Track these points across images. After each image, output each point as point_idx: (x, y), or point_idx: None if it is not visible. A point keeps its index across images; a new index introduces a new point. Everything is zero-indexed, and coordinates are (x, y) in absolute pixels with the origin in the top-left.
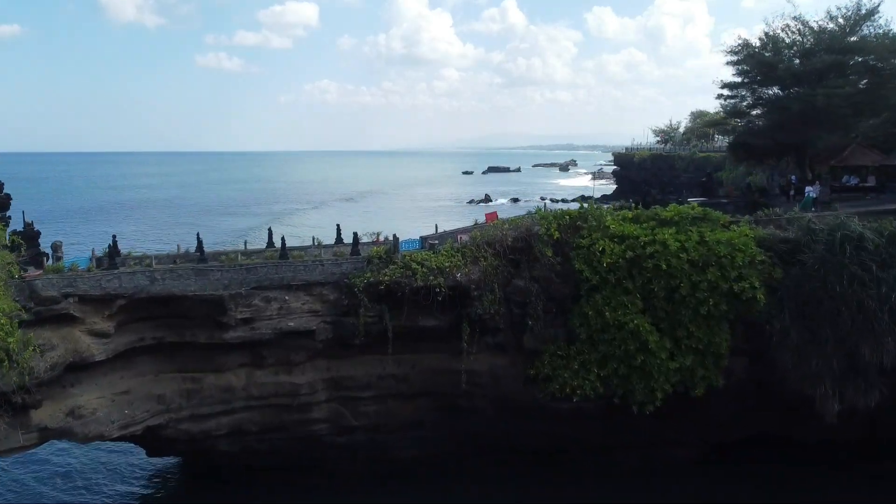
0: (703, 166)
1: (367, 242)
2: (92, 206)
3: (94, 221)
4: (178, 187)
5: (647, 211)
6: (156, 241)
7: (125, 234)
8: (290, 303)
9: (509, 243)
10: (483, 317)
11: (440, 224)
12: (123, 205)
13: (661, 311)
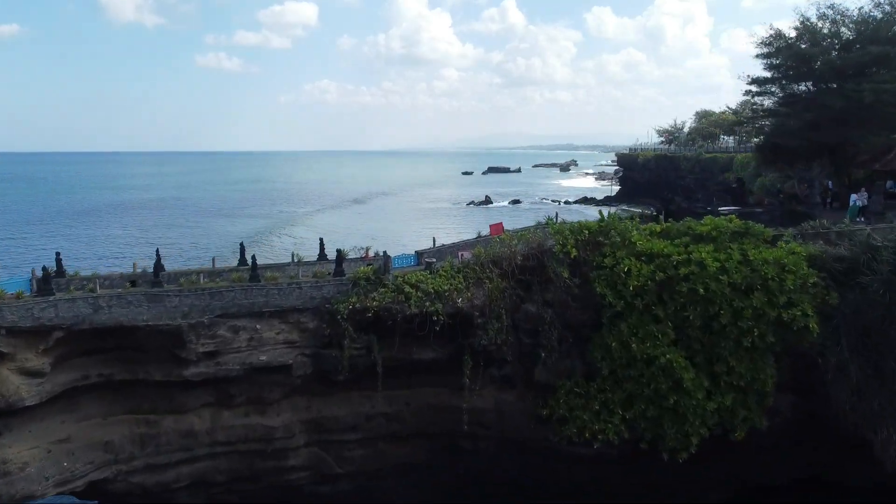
0: (709, 167)
1: (355, 259)
2: (84, 208)
3: (84, 224)
4: (174, 188)
5: (678, 224)
6: (145, 244)
7: (114, 237)
8: (263, 332)
9: (518, 262)
10: (488, 348)
11: (438, 228)
12: (117, 206)
13: (696, 343)
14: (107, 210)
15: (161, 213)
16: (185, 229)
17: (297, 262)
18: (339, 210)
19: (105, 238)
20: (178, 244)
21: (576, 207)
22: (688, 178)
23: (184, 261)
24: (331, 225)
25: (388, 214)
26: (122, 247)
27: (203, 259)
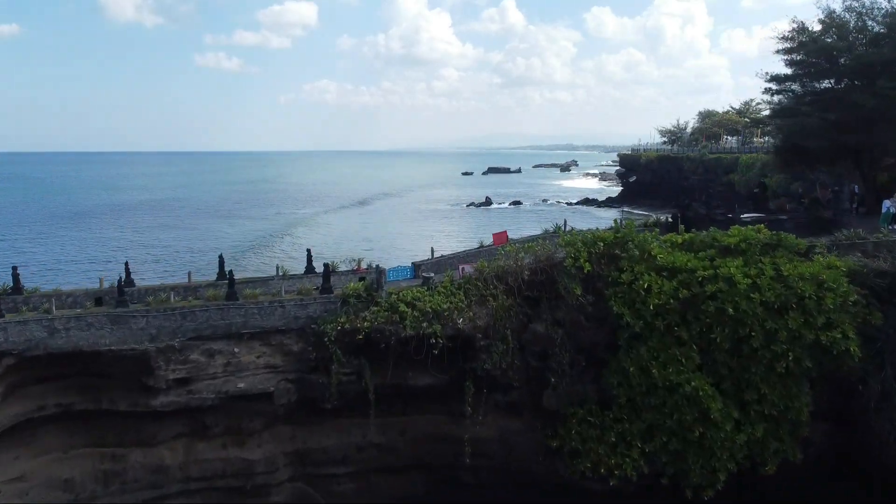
0: (713, 168)
1: (346, 271)
2: (79, 209)
3: (77, 226)
4: (172, 188)
5: (702, 235)
6: (138, 246)
7: (107, 240)
8: (241, 356)
9: (525, 277)
10: (492, 372)
11: (438, 232)
12: (113, 207)
13: (723, 368)
14: (101, 212)
15: (157, 215)
16: (181, 231)
17: (282, 276)
18: (342, 212)
19: (97, 241)
20: (172, 247)
21: (581, 209)
22: (691, 179)
23: (179, 264)
24: (331, 228)
25: (388, 217)
26: (115, 250)
27: (197, 265)
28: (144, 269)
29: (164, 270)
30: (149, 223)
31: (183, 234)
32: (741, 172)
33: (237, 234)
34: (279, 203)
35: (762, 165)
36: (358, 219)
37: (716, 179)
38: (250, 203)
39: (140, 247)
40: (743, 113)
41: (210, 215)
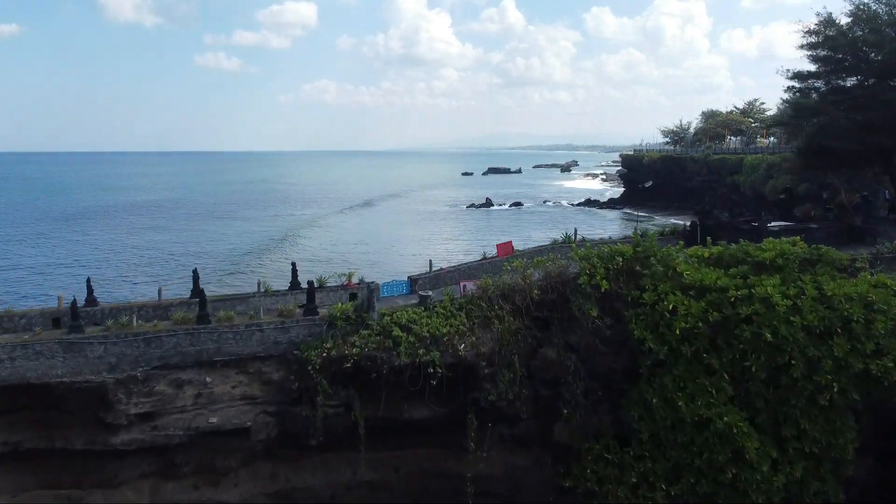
0: (717, 169)
1: (336, 287)
2: (75, 210)
3: (70, 227)
4: (170, 189)
5: (731, 248)
6: (131, 249)
7: (100, 241)
8: (214, 387)
9: (535, 296)
10: (497, 403)
11: (436, 235)
12: (109, 208)
13: (759, 401)
14: (96, 213)
15: (153, 216)
16: (175, 233)
17: (264, 293)
18: (339, 215)
19: (90, 243)
20: (166, 250)
21: (584, 210)
22: (695, 180)
23: (173, 268)
24: (326, 231)
25: (386, 219)
26: (108, 253)
27: (187, 271)
28: (137, 274)
29: (158, 274)
30: (144, 224)
31: (178, 237)
32: (746, 173)
33: (233, 237)
34: (277, 204)
35: (768, 167)
36: (355, 220)
37: (720, 181)
38: (248, 204)
39: (133, 249)
40: (747, 113)
41: (207, 217)
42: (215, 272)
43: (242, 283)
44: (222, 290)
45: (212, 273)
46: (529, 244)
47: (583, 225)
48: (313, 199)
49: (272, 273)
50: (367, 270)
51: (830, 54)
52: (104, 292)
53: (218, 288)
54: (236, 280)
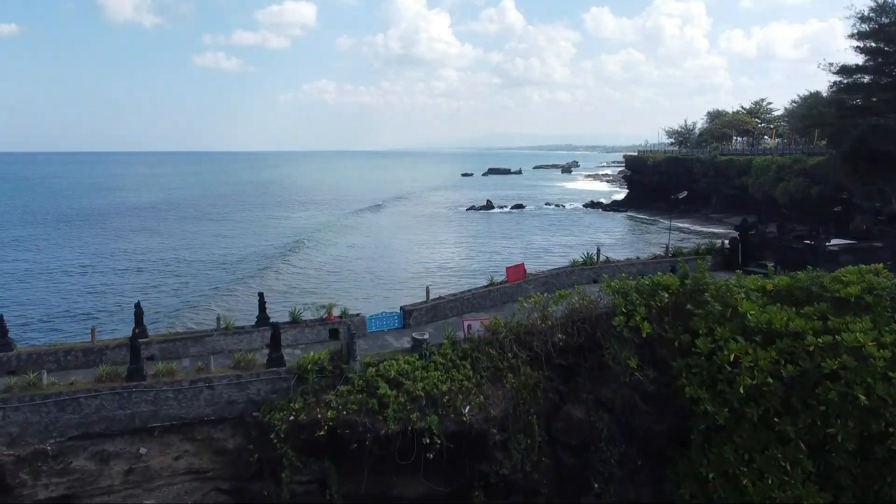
0: (724, 170)
1: (313, 321)
2: (65, 211)
3: (58, 230)
4: (167, 190)
5: (801, 278)
6: (118, 254)
7: (87, 244)
8: (151, 459)
9: (558, 341)
10: (510, 477)
11: (435, 242)
12: (100, 211)
13: (845, 477)
14: (87, 215)
15: (145, 218)
16: (166, 239)
17: (223, 330)
18: (331, 219)
19: (78, 246)
20: (154, 255)
21: (590, 212)
22: (701, 182)
23: (162, 276)
24: (315, 239)
25: (381, 223)
26: (93, 256)
27: (170, 283)
28: (121, 282)
29: (145, 283)
30: (133, 227)
31: (167, 243)
32: (755, 175)
33: (221, 244)
34: (272, 206)
35: (778, 169)
36: (346, 222)
37: (727, 182)
38: (243, 206)
39: (120, 254)
40: (754, 113)
41: (199, 220)
42: (189, 294)
43: (219, 309)
44: (190, 314)
45: (185, 295)
46: (534, 251)
47: (588, 228)
48: (312, 202)
49: (242, 303)
50: (355, 287)
51: (882, 46)
52: (69, 311)
53: (186, 312)
54: (219, 301)
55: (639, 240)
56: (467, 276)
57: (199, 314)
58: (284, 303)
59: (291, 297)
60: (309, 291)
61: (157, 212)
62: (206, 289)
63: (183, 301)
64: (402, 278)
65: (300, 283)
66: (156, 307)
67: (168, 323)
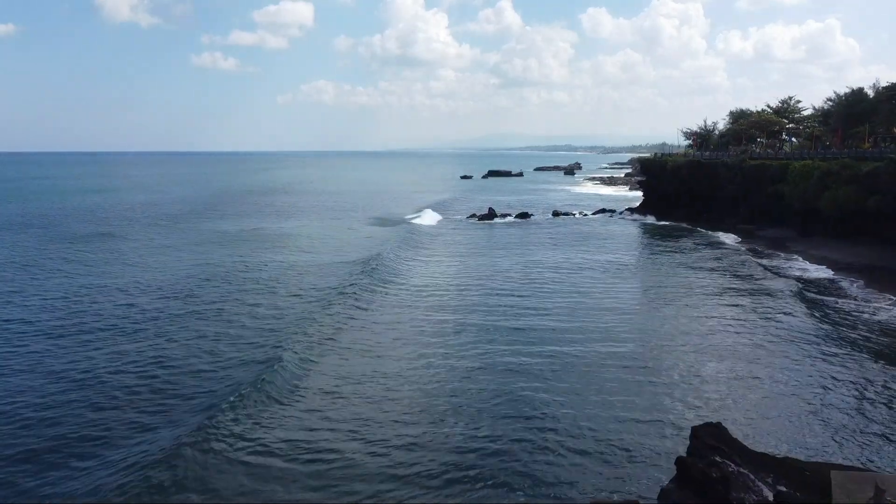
0: (754, 176)
1: None
2: (28, 213)
3: (17, 237)
4: (152, 191)
5: None
6: (80, 267)
7: (40, 257)
8: None
9: None
10: None
11: (430, 259)
12: (69, 215)
13: None
14: (55, 219)
15: (127, 224)
16: (151, 249)
17: None
18: (319, 226)
19: (26, 261)
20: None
21: (604, 221)
22: (727, 189)
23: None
24: (286, 257)
25: (371, 233)
26: (57, 265)
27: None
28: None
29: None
30: (91, 231)
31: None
32: (793, 182)
33: (180, 263)
34: (256, 215)
35: (822, 175)
36: (333, 226)
37: (758, 190)
38: (224, 214)
39: (81, 269)
40: (781, 112)
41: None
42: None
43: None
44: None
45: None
46: (548, 274)
47: (608, 243)
48: (295, 211)
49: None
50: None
51: None
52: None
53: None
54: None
55: (701, 265)
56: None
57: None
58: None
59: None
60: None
61: (130, 218)
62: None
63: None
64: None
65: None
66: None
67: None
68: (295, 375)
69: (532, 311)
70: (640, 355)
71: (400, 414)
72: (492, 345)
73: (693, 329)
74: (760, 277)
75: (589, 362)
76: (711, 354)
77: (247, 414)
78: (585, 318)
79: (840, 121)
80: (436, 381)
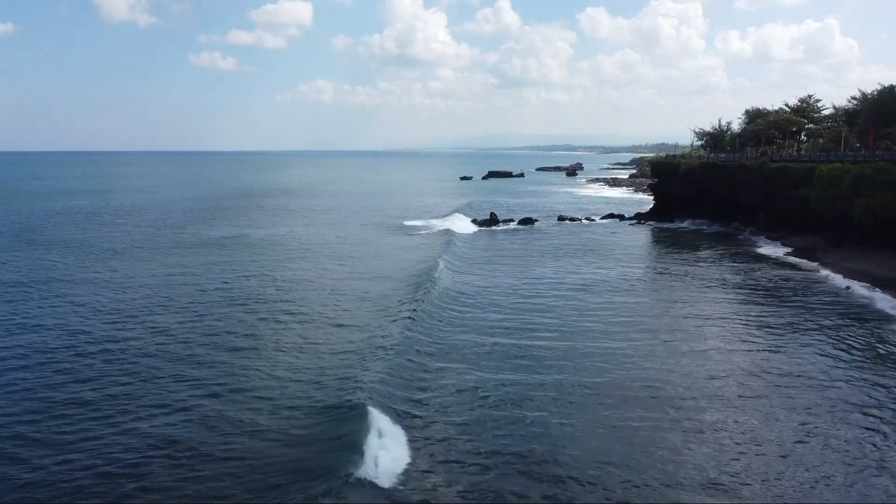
0: (776, 180)
1: None
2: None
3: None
4: (138, 192)
5: None
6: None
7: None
8: None
9: None
10: None
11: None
12: (52, 218)
13: None
14: (35, 223)
15: (109, 230)
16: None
17: None
18: (309, 230)
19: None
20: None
21: (612, 227)
22: (745, 193)
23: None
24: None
25: (362, 245)
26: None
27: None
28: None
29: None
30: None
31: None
32: (820, 187)
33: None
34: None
35: (854, 180)
36: (322, 231)
37: (780, 194)
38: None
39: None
40: (800, 112)
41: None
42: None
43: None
44: None
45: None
46: (565, 293)
47: (619, 253)
48: (282, 214)
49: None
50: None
51: None
52: None
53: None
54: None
55: (728, 279)
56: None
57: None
58: None
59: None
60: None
61: (119, 226)
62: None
63: None
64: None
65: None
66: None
67: None
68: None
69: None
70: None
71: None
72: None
73: (727, 369)
74: (794, 295)
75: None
76: (759, 405)
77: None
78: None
79: (869, 121)
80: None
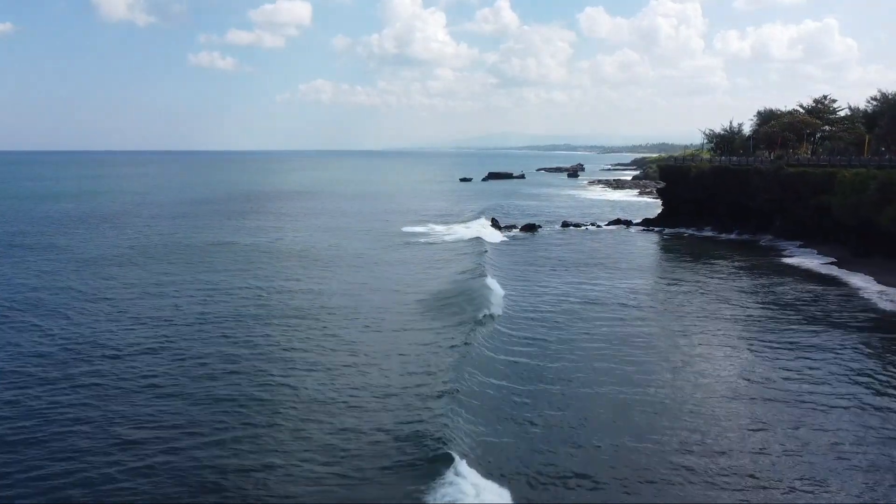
0: (793, 185)
1: None
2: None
3: None
4: (136, 194)
5: None
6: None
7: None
8: None
9: None
10: None
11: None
12: (41, 218)
13: None
14: (27, 226)
15: (90, 239)
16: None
17: None
18: (301, 235)
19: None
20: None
21: (620, 234)
22: (760, 198)
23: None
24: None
25: (355, 255)
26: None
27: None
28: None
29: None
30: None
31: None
32: (843, 194)
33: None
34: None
35: (882, 186)
36: (314, 236)
37: (797, 201)
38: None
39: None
40: (815, 113)
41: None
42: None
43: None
44: None
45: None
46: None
47: (626, 263)
48: (277, 220)
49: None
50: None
51: None
52: None
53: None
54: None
55: (750, 293)
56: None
57: None
58: None
59: None
60: None
61: (102, 234)
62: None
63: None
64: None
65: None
66: None
67: None
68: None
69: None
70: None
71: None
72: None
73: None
74: (827, 315)
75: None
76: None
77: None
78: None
79: (894, 123)
80: None
